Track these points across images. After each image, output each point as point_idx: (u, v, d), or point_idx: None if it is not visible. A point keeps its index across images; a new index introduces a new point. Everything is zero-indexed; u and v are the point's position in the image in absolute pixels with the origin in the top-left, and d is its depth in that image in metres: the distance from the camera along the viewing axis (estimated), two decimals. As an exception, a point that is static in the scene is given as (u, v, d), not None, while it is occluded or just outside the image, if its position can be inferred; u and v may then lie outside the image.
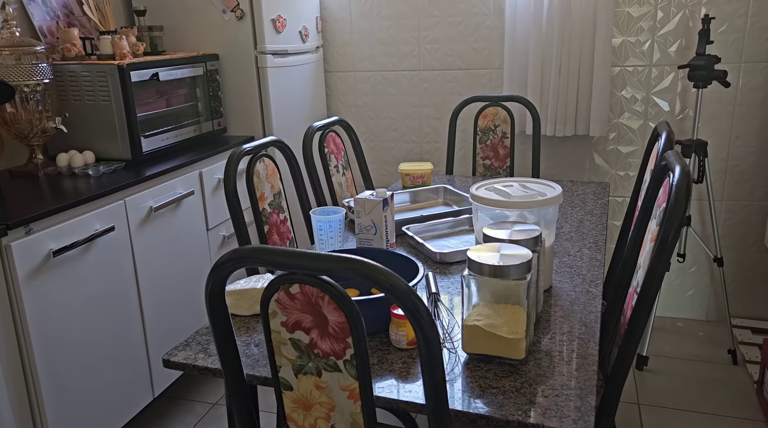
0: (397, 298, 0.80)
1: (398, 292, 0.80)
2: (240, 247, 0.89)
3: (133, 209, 1.95)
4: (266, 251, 0.86)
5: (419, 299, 0.81)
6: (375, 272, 0.80)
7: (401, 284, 0.80)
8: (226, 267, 0.90)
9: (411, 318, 0.81)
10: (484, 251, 1.13)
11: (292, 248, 0.86)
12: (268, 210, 1.69)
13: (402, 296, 0.80)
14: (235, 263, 0.89)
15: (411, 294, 0.80)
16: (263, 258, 0.86)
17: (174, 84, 2.32)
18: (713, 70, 2.34)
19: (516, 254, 1.10)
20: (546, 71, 2.74)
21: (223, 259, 0.90)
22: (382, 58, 3.07)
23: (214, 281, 0.91)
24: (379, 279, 0.80)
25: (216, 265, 0.90)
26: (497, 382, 1.05)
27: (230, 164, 1.57)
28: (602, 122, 2.72)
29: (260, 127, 2.61)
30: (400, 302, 0.80)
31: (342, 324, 0.86)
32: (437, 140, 3.10)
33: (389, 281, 0.80)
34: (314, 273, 0.85)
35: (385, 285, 0.80)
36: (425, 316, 0.81)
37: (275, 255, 0.85)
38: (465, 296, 1.13)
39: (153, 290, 2.06)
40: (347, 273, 0.81)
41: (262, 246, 0.87)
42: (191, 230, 2.24)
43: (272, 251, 0.86)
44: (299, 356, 0.91)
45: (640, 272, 1.37)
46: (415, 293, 0.81)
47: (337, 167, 2.12)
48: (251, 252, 0.87)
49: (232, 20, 2.51)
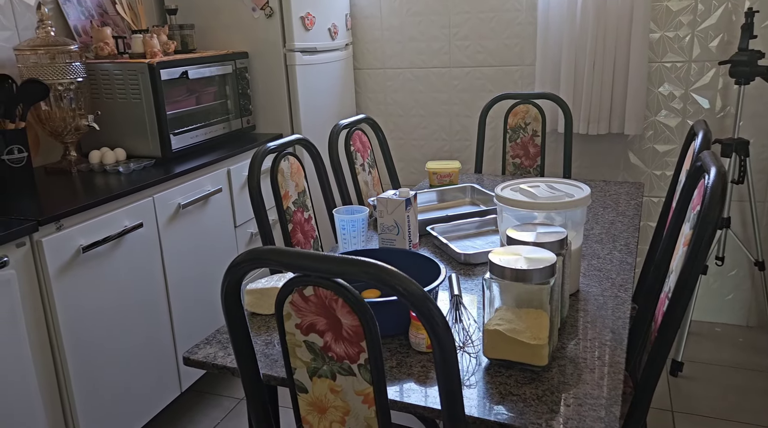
0: (412, 303, 0.78)
1: (413, 297, 0.78)
2: (256, 247, 0.88)
3: (162, 206, 1.97)
4: (280, 253, 0.85)
5: (434, 305, 0.78)
6: (389, 276, 0.78)
7: (416, 288, 0.78)
8: (241, 268, 0.89)
9: (425, 324, 0.79)
10: (507, 254, 1.10)
11: (306, 250, 0.85)
12: (292, 208, 1.69)
13: (416, 301, 0.78)
14: (250, 263, 0.88)
15: (426, 300, 0.78)
16: (277, 259, 0.85)
17: (203, 82, 2.34)
18: (756, 66, 2.25)
19: (539, 257, 1.07)
20: (579, 68, 2.67)
21: (238, 259, 0.89)
22: (412, 55, 3.04)
23: (229, 281, 0.91)
24: (393, 283, 0.78)
25: (231, 265, 0.90)
26: (518, 389, 1.03)
27: (254, 163, 1.57)
28: (638, 120, 2.64)
29: (288, 125, 2.62)
30: (414, 307, 0.78)
31: (356, 328, 0.84)
32: (467, 138, 3.06)
33: (403, 286, 0.78)
34: (328, 276, 0.83)
35: (399, 290, 0.78)
36: (440, 322, 0.79)
37: (289, 257, 0.84)
38: (486, 300, 1.11)
39: (181, 286, 2.08)
40: (361, 277, 0.79)
41: (276, 247, 0.86)
42: (219, 228, 2.26)
43: (286, 252, 0.85)
44: (314, 359, 0.90)
45: (672, 276, 1.31)
46: (430, 298, 0.79)
47: (363, 166, 2.10)
48: (266, 253, 0.86)
49: (262, 18, 2.52)
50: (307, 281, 0.85)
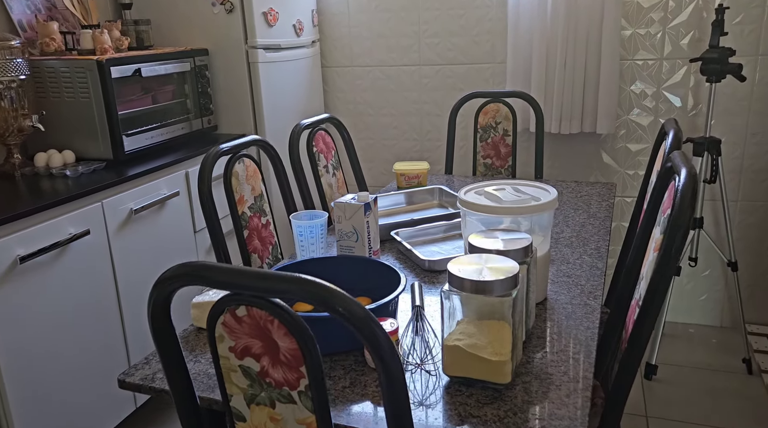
0: (354, 325, 0.70)
1: (354, 318, 0.70)
2: (186, 262, 0.79)
3: (112, 212, 1.86)
4: (209, 268, 0.76)
5: (378, 327, 0.70)
6: (328, 295, 0.70)
7: (357, 309, 0.70)
8: (169, 284, 0.80)
9: (370, 348, 0.71)
10: (467, 264, 1.02)
11: (238, 266, 0.76)
12: (248, 214, 1.59)
13: (358, 322, 0.70)
14: (178, 280, 0.79)
15: (368, 321, 0.70)
16: (206, 275, 0.76)
17: (160, 80, 2.23)
18: (727, 63, 2.21)
19: (501, 267, 1.00)
20: (551, 65, 2.62)
21: (166, 275, 0.80)
22: (382, 52, 2.96)
23: (156, 298, 0.82)
24: (333, 303, 0.70)
25: (158, 281, 0.80)
26: (478, 410, 0.95)
27: (205, 166, 1.47)
28: (610, 119, 2.59)
29: (252, 125, 2.52)
30: (357, 329, 0.70)
31: (294, 351, 0.76)
32: (438, 138, 2.99)
33: (344, 306, 0.70)
34: (262, 295, 0.74)
35: (339, 310, 0.70)
36: (386, 346, 0.71)
37: (218, 273, 0.75)
38: (446, 313, 1.03)
39: (135, 298, 1.97)
40: (297, 296, 0.71)
41: (206, 262, 0.78)
42: (177, 233, 2.15)
43: (213, 268, 0.76)
44: (250, 384, 0.81)
45: (642, 283, 1.25)
46: (374, 319, 0.70)
47: (327, 168, 2.01)
48: (195, 269, 0.77)
49: (222, 14, 2.42)
50: (239, 300, 0.76)
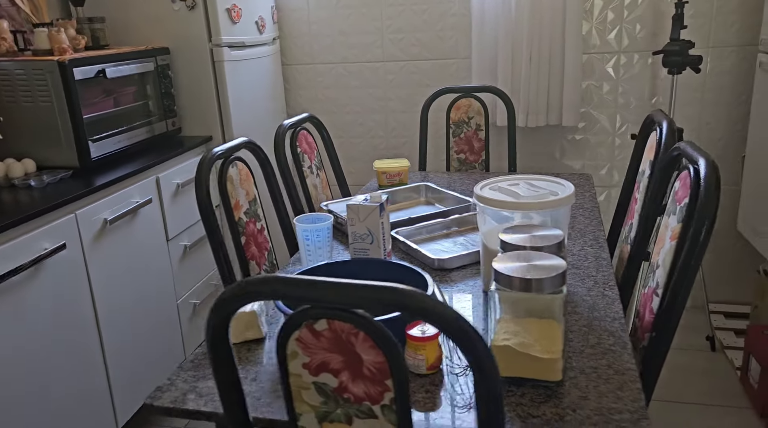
0: (445, 329, 0.67)
1: (445, 322, 0.67)
2: (249, 278, 0.73)
3: (86, 223, 1.74)
4: (282, 282, 0.71)
5: (470, 327, 0.68)
6: (422, 302, 0.66)
7: (449, 312, 0.67)
8: (231, 304, 0.74)
9: (464, 350, 0.68)
10: (510, 262, 1.01)
11: (313, 277, 0.71)
12: (244, 219, 1.52)
13: (449, 325, 0.67)
14: (243, 298, 0.73)
15: (459, 321, 0.67)
16: (280, 290, 0.71)
17: (121, 81, 2.10)
18: (688, 55, 2.31)
19: (548, 264, 0.99)
20: (516, 60, 2.65)
21: (227, 294, 0.74)
22: (344, 49, 2.91)
23: (216, 323, 0.76)
24: (427, 311, 0.67)
25: (218, 302, 0.75)
26: (536, 409, 0.94)
27: (202, 171, 1.39)
28: (574, 112, 2.65)
29: (218, 126, 2.42)
30: (449, 333, 0.67)
31: (380, 365, 0.72)
32: (404, 135, 2.98)
33: (437, 311, 0.67)
34: (345, 306, 0.70)
35: (433, 318, 0.67)
36: (481, 347, 0.68)
37: (295, 286, 0.70)
38: (491, 312, 1.01)
39: (113, 316, 1.85)
40: (389, 305, 0.67)
41: (276, 276, 0.72)
42: (150, 243, 2.04)
43: (290, 281, 0.71)
44: (324, 401, 0.77)
45: (658, 271, 1.28)
46: (464, 319, 0.68)
47: (311, 168, 1.96)
48: (263, 284, 0.72)
49: (183, 10, 2.30)
50: (319, 314, 0.72)
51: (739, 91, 2.62)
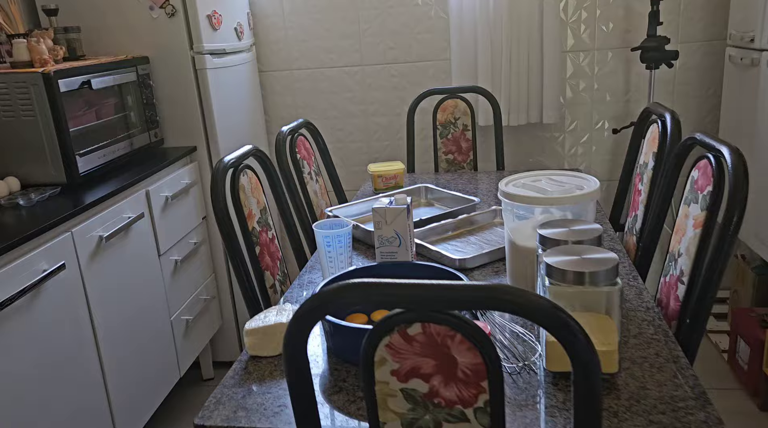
0: (547, 325, 0.66)
1: (547, 318, 0.66)
2: (341, 284, 0.70)
3: (82, 241, 1.65)
4: (372, 287, 0.69)
5: (573, 320, 0.67)
6: (524, 299, 0.65)
7: (547, 305, 0.66)
8: (314, 315, 0.71)
9: (567, 345, 0.67)
10: (560, 256, 1.01)
11: (403, 281, 0.69)
12: (257, 229, 1.48)
13: (550, 320, 0.66)
14: (325, 308, 0.71)
15: (557, 311, 0.66)
16: (373, 295, 0.69)
17: (104, 93, 2.01)
18: (665, 50, 2.38)
19: (600, 257, 0.99)
20: (496, 60, 2.68)
21: (308, 307, 0.71)
22: (321, 54, 2.88)
23: (295, 341, 0.72)
24: (530, 308, 0.66)
25: (297, 316, 0.71)
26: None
27: (217, 181, 1.34)
28: (555, 109, 2.70)
29: (203, 136, 2.35)
30: (552, 329, 0.66)
31: (476, 366, 0.70)
32: (386, 138, 2.96)
33: (540, 308, 0.66)
34: (443, 309, 0.68)
35: (536, 315, 0.66)
36: (583, 339, 0.68)
37: (389, 290, 0.68)
38: (542, 309, 1.01)
39: (112, 336, 1.77)
40: (491, 305, 0.66)
41: (364, 281, 0.70)
42: (143, 259, 1.96)
43: (382, 285, 0.69)
44: (412, 408, 0.75)
45: (681, 259, 1.31)
46: (564, 310, 0.67)
47: (311, 174, 1.92)
48: (352, 290, 0.69)
49: (162, 18, 2.23)
50: (413, 318, 0.70)
51: (707, 85, 2.72)
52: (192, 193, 2.29)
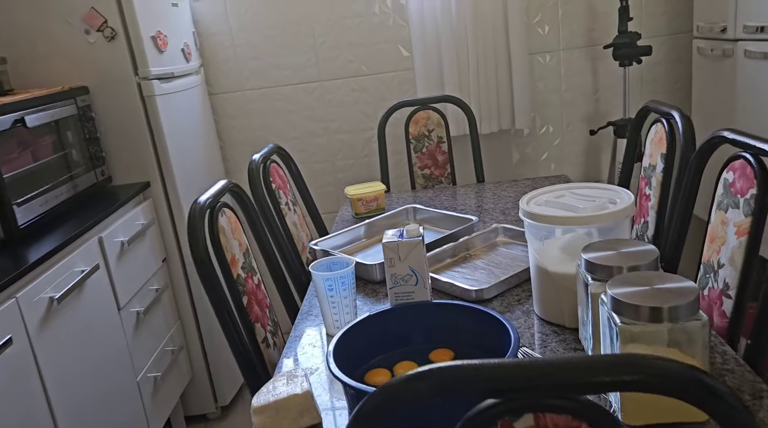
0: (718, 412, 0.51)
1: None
2: (414, 373, 0.53)
3: (29, 307, 1.41)
4: (459, 372, 0.51)
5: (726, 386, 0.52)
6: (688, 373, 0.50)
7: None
8: (384, 411, 0.53)
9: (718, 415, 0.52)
10: (626, 287, 0.86)
11: (499, 361, 0.52)
12: (242, 276, 1.28)
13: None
14: (401, 399, 0.53)
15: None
16: (461, 383, 0.51)
17: (39, 131, 1.76)
18: (637, 46, 2.31)
19: (676, 287, 0.85)
20: (462, 67, 2.56)
21: (377, 402, 0.53)
22: (275, 72, 2.69)
23: None
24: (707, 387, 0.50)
25: (362, 415, 0.53)
26: (696, 459, 0.79)
27: (194, 226, 1.13)
28: (526, 114, 2.59)
29: (156, 170, 2.11)
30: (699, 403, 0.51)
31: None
32: (351, 156, 2.79)
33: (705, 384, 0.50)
34: (567, 392, 0.52)
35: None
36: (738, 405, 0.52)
37: (485, 373, 0.51)
38: (610, 349, 0.86)
39: (70, 407, 1.52)
40: (635, 386, 0.50)
41: (446, 365, 0.52)
42: (101, 316, 1.71)
43: (473, 368, 0.51)
44: None
45: (724, 271, 1.19)
46: (706, 373, 0.52)
47: (288, 205, 1.73)
48: (429, 379, 0.52)
49: (101, 42, 1.99)
50: (521, 408, 0.53)
51: (675, 79, 2.68)
52: (149, 234, 2.05)
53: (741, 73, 2.12)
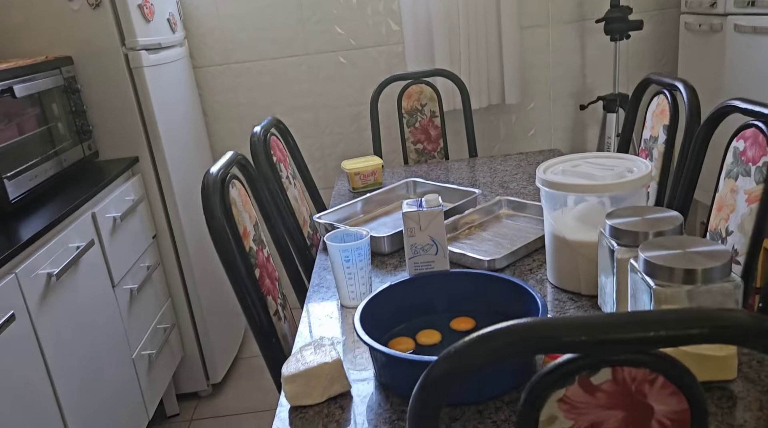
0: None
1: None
2: (490, 331, 0.52)
3: (29, 283, 1.36)
4: (541, 329, 0.51)
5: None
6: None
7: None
8: (457, 374, 0.53)
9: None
10: (659, 250, 0.87)
11: (585, 315, 0.52)
12: (254, 248, 1.25)
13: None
14: (477, 360, 0.52)
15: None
16: (544, 341, 0.51)
17: (25, 102, 1.69)
18: (629, 21, 2.32)
19: (709, 250, 0.86)
20: (454, 42, 2.54)
21: (449, 365, 0.53)
22: (262, 45, 2.63)
23: (426, 417, 0.54)
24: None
25: (431, 381, 0.53)
26: (729, 416, 0.81)
27: (209, 197, 1.10)
28: (518, 88, 2.60)
29: (144, 144, 2.05)
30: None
31: (679, 415, 0.54)
32: (339, 132, 2.76)
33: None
34: (643, 346, 0.52)
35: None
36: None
37: (566, 331, 0.51)
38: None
39: (70, 384, 1.48)
40: (710, 337, 0.50)
41: (525, 322, 0.52)
42: (97, 293, 1.67)
43: (554, 325, 0.51)
44: (585, 475, 0.58)
45: (732, 238, 1.21)
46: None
47: (289, 178, 1.70)
48: (507, 337, 0.51)
49: (85, 10, 1.92)
50: (600, 363, 0.53)
51: (661, 54, 2.71)
52: (139, 211, 2.00)
53: (730, 47, 2.15)
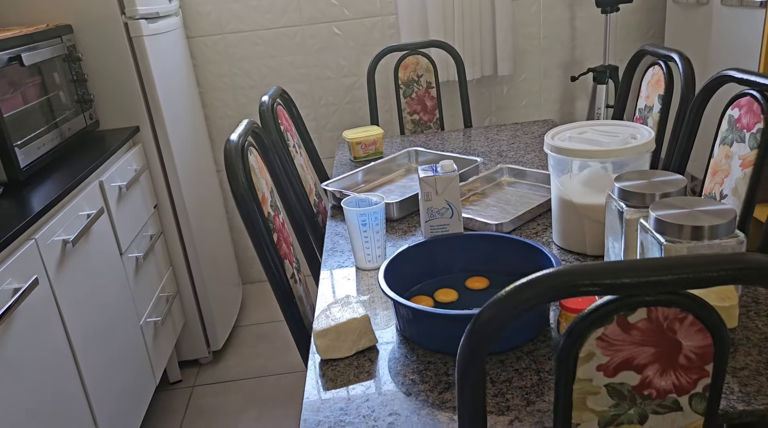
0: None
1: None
2: (534, 278, 0.58)
3: (47, 249, 1.38)
4: (583, 274, 0.57)
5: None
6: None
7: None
8: (504, 319, 0.59)
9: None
10: (668, 209, 0.93)
11: (619, 261, 0.58)
12: (272, 214, 1.30)
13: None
14: (522, 305, 0.58)
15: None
16: (585, 286, 0.57)
17: (30, 71, 1.69)
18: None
19: (715, 209, 0.93)
20: (448, 11, 2.56)
21: (496, 311, 0.58)
22: (256, 15, 2.63)
23: (473, 360, 0.59)
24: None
25: (479, 326, 0.58)
26: (732, 360, 0.89)
27: (232, 163, 1.13)
28: (509, 60, 2.64)
29: (145, 114, 2.06)
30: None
31: (704, 350, 0.61)
32: (334, 103, 2.78)
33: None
34: (676, 287, 0.58)
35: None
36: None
37: (606, 276, 0.57)
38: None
39: (88, 349, 1.52)
40: (739, 279, 0.56)
41: (566, 268, 0.58)
42: (107, 260, 1.70)
43: (595, 270, 0.57)
44: (616, 404, 0.65)
45: (727, 201, 1.29)
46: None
47: (295, 147, 1.73)
48: (551, 281, 0.57)
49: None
50: (637, 303, 0.59)
51: (647, 27, 2.77)
52: (141, 181, 2.02)
53: (717, 21, 2.22)
